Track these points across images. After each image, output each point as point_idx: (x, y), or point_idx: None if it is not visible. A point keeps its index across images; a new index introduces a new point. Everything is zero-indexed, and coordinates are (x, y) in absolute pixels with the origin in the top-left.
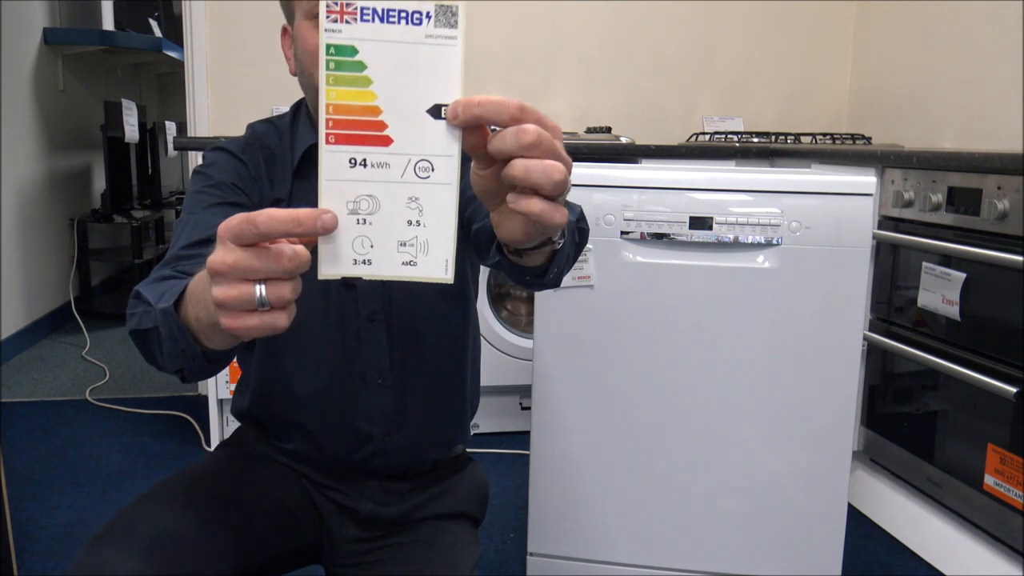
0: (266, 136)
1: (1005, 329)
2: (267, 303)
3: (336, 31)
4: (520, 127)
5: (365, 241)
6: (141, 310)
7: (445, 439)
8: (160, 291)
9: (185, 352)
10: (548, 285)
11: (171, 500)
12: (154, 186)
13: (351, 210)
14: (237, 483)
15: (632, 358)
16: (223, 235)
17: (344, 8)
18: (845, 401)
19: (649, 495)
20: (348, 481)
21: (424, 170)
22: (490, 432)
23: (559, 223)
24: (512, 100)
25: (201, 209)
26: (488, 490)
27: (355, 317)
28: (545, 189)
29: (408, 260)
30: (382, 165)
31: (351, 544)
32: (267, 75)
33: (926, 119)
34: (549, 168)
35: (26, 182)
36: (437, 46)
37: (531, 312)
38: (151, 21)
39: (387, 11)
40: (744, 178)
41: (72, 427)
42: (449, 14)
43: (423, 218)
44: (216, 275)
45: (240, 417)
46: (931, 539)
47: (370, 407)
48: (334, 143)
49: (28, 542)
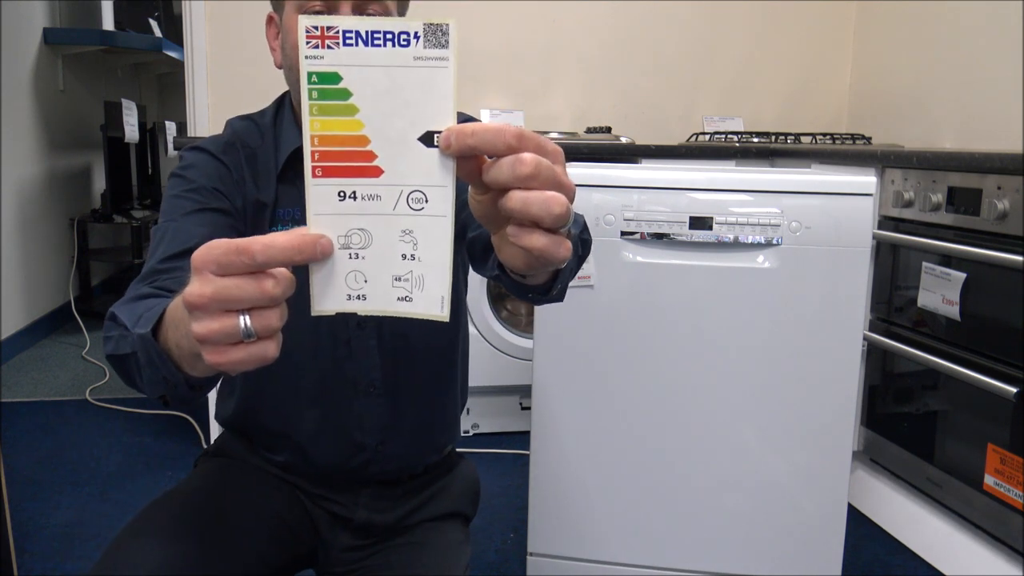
0: (247, 134)
1: (1005, 329)
2: (253, 334)
3: (318, 58)
4: (517, 157)
5: (359, 276)
6: (117, 334)
7: (438, 443)
8: (137, 313)
9: (167, 380)
10: (552, 300)
11: (162, 532)
12: (154, 186)
13: (343, 244)
14: (230, 500)
15: (632, 358)
16: (201, 265)
17: (324, 32)
18: (845, 401)
19: (649, 495)
20: (342, 491)
21: (417, 201)
22: (490, 432)
23: (563, 257)
24: (509, 127)
25: (180, 216)
26: (479, 486)
27: (344, 325)
28: (545, 223)
29: (403, 296)
30: (373, 197)
31: (344, 552)
32: (267, 75)
33: (926, 119)
34: (549, 201)
35: (26, 182)
36: (427, 69)
37: (531, 312)
38: (151, 21)
39: (371, 33)
40: (744, 178)
41: (72, 427)
42: (439, 33)
43: (418, 252)
44: (195, 309)
45: (225, 425)
46: (931, 539)
47: (362, 416)
48: (321, 176)
49: (28, 542)
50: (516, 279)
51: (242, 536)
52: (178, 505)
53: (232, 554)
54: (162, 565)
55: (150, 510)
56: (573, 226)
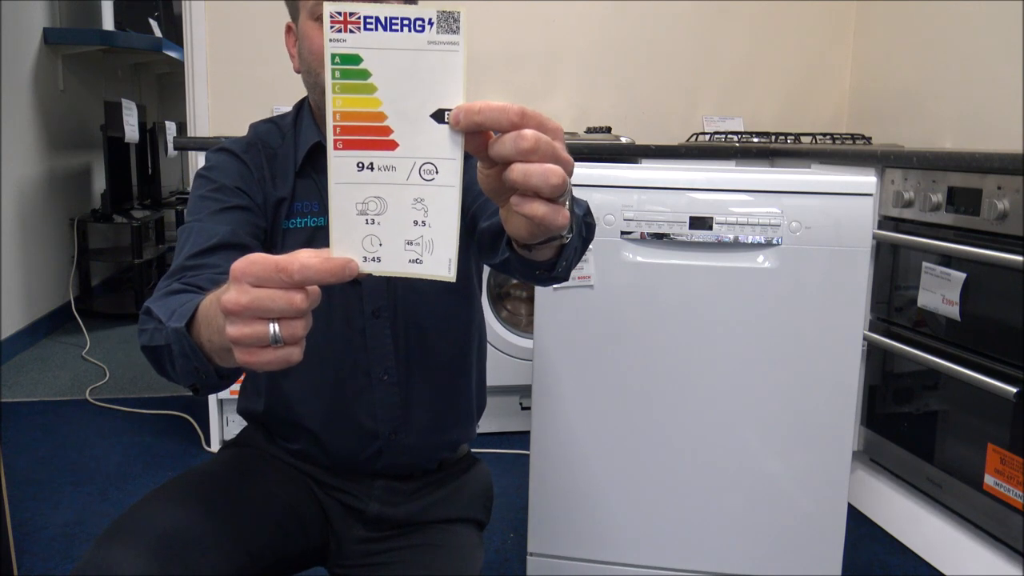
0: (268, 136)
1: (1005, 329)
2: (281, 340)
3: (341, 40)
4: (519, 133)
5: (374, 240)
6: (152, 327)
7: (451, 439)
8: (170, 308)
9: (198, 370)
10: (557, 279)
11: (178, 499)
12: (154, 186)
13: (360, 211)
14: (243, 484)
15: (632, 358)
16: (240, 276)
17: (348, 18)
18: (845, 401)
19: (649, 495)
20: (355, 482)
21: (429, 172)
22: (490, 432)
23: (561, 224)
24: (513, 106)
25: (206, 216)
26: (492, 492)
27: (360, 314)
28: (544, 192)
29: (414, 258)
30: (388, 168)
31: (358, 545)
32: (267, 75)
33: (926, 119)
34: (547, 172)
35: (26, 182)
36: (439, 52)
37: (531, 312)
38: (151, 21)
39: (390, 19)
40: (744, 178)
41: (72, 427)
42: (451, 20)
43: (428, 218)
44: (230, 314)
45: (246, 417)
46: (931, 539)
47: (375, 404)
48: (342, 148)
49: (28, 542)
50: (523, 254)
51: (250, 518)
52: (193, 482)
53: (239, 532)
54: (174, 527)
55: (166, 485)
56: (576, 207)
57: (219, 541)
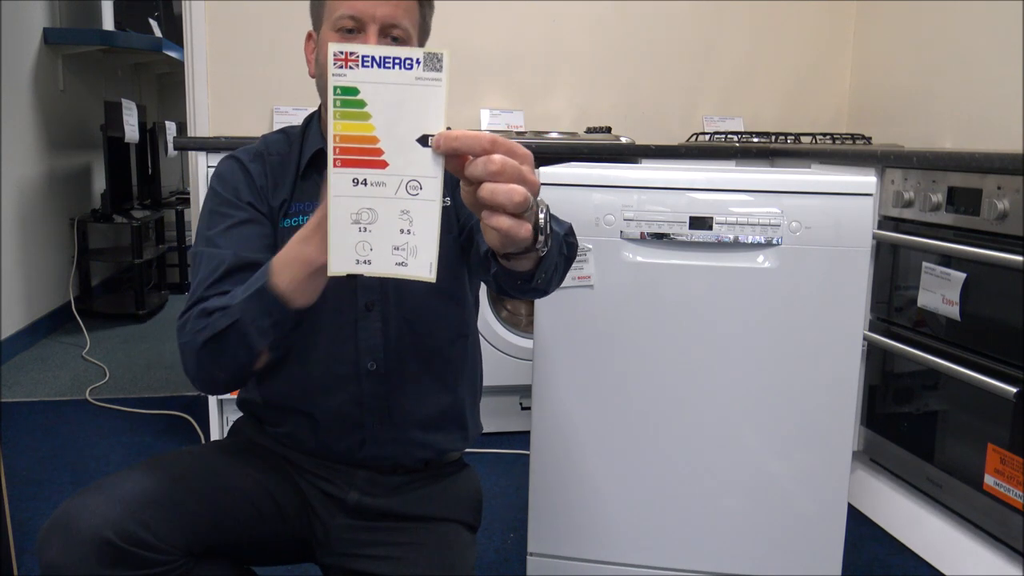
0: (276, 144)
1: (1005, 329)
2: None
3: (342, 75)
4: (488, 157)
5: (366, 245)
6: (208, 321)
7: (437, 442)
8: (224, 301)
9: (277, 323)
10: (536, 292)
11: (157, 469)
12: (154, 186)
13: (354, 220)
14: (220, 464)
15: (632, 358)
16: None
17: (348, 56)
18: (845, 401)
19: (649, 495)
20: (339, 470)
21: (414, 188)
22: (490, 432)
23: (524, 236)
24: (485, 135)
25: (216, 235)
26: (482, 497)
27: (353, 306)
28: (508, 208)
29: (400, 261)
30: (379, 184)
31: (344, 533)
32: (267, 75)
33: (926, 119)
34: (511, 191)
35: (26, 182)
36: (425, 87)
37: (531, 312)
38: (151, 21)
39: (383, 58)
40: (744, 178)
41: (72, 427)
42: (435, 60)
43: (413, 227)
44: None
45: (243, 407)
46: (931, 539)
47: (362, 393)
48: (341, 166)
49: (28, 542)
50: (504, 264)
51: (222, 492)
52: (171, 458)
53: (207, 503)
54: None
55: (147, 460)
56: (558, 226)
57: (184, 507)
